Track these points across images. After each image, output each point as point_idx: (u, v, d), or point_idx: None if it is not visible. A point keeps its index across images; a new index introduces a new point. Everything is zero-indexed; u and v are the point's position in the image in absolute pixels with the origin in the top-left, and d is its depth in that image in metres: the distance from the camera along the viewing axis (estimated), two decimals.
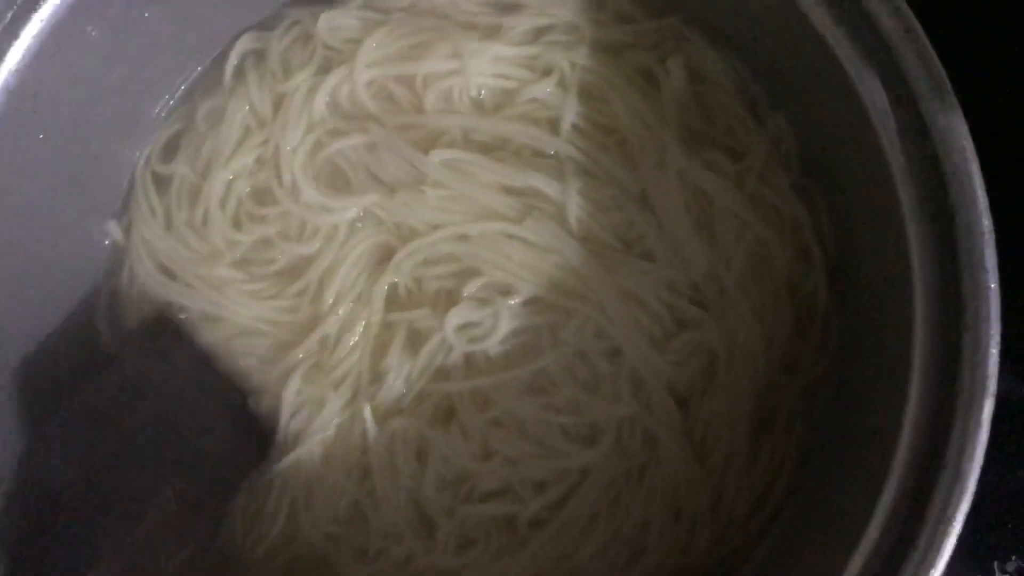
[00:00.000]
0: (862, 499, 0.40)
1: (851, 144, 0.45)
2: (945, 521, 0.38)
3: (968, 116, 0.41)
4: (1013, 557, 0.55)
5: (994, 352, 0.39)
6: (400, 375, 0.51)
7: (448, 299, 0.51)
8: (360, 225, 0.52)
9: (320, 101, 0.53)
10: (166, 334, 0.51)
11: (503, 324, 0.50)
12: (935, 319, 0.40)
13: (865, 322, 0.47)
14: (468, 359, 0.51)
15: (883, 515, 0.39)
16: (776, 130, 0.51)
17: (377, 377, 0.51)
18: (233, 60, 0.55)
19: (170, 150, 0.55)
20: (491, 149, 0.52)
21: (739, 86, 0.52)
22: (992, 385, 0.39)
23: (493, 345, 0.50)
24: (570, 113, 0.51)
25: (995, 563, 0.55)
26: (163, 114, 0.56)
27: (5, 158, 0.47)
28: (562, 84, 0.52)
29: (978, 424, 0.39)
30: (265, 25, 0.56)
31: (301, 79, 0.53)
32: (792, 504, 0.49)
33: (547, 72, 0.52)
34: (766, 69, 0.52)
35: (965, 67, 0.42)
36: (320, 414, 0.51)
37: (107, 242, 0.54)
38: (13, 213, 0.48)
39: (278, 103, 0.54)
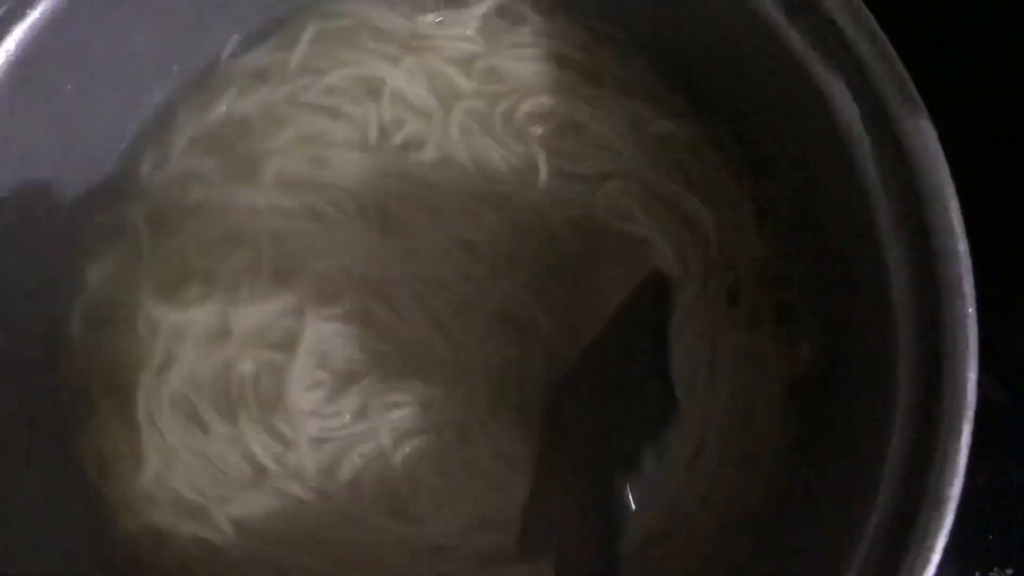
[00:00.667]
0: (845, 529, 0.40)
1: (827, 172, 0.45)
2: (927, 548, 0.38)
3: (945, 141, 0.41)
4: (995, 568, 0.56)
5: (972, 378, 0.39)
6: None
7: None
8: None
9: None
10: None
11: None
12: (914, 345, 0.41)
13: (847, 351, 0.47)
14: None
15: (866, 544, 0.39)
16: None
17: None
18: None
19: None
20: None
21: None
22: (971, 412, 0.39)
23: None
24: None
25: (976, 572, 0.55)
26: None
27: None
28: None
29: (958, 450, 0.39)
30: None
31: None
32: (774, 532, 0.49)
33: None
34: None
35: (941, 91, 0.43)
36: None
37: None
38: None
39: None
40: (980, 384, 0.57)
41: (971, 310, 0.40)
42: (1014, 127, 0.57)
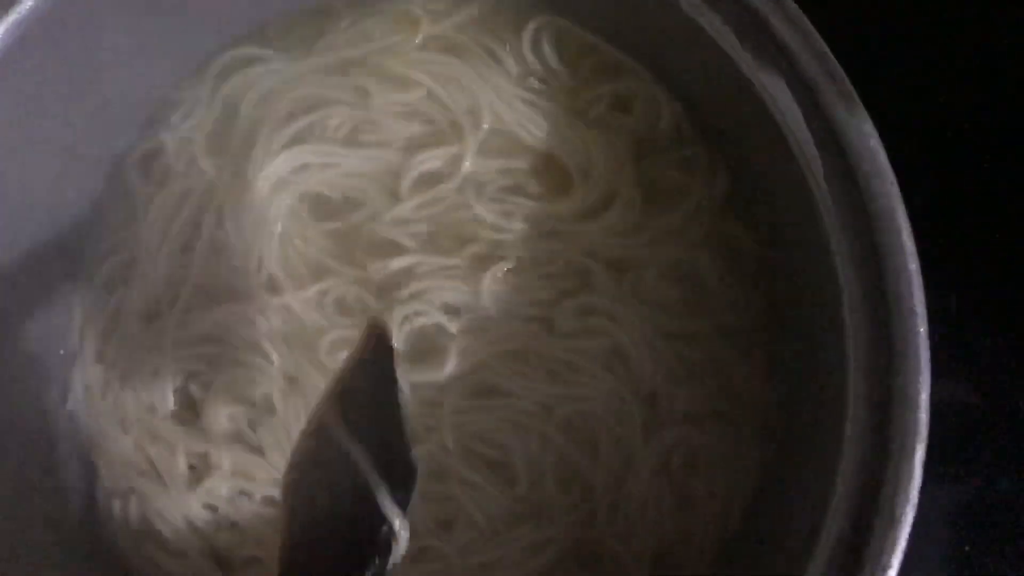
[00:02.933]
0: (800, 550, 0.40)
1: (781, 192, 0.45)
2: (882, 568, 0.39)
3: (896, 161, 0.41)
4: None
5: (924, 397, 0.39)
6: None
7: None
8: None
9: None
10: None
11: None
12: (866, 364, 0.41)
13: (800, 370, 0.48)
14: None
15: (821, 563, 0.40)
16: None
17: None
18: None
19: None
20: None
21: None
22: (923, 430, 0.39)
23: None
24: None
25: None
26: None
27: None
28: None
29: (911, 469, 0.39)
30: None
31: None
32: (730, 552, 0.49)
33: None
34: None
35: (888, 105, 0.43)
36: None
37: None
38: None
39: None
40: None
41: (922, 328, 0.40)
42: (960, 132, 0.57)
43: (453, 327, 0.50)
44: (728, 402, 0.51)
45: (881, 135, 0.41)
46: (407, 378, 0.50)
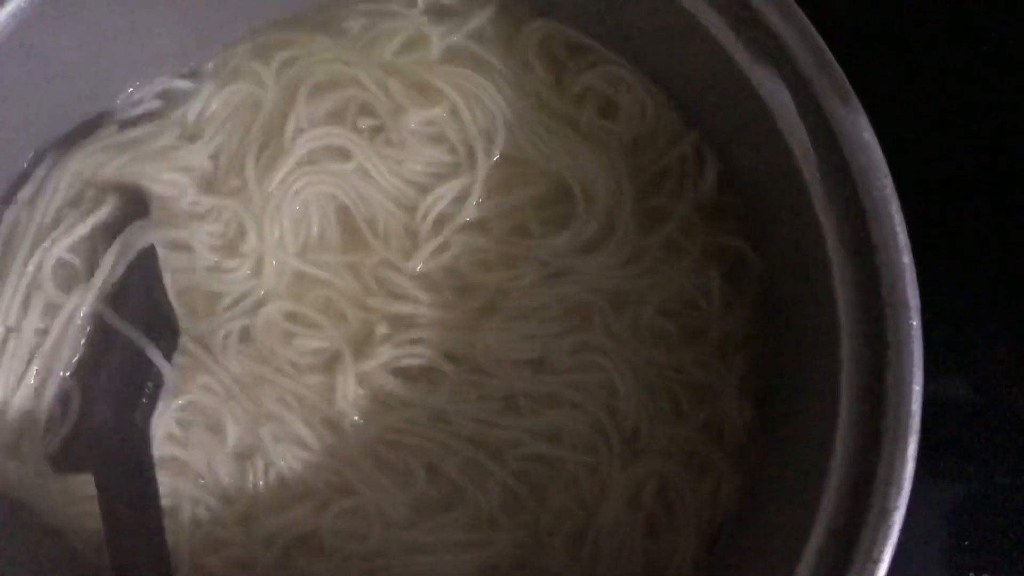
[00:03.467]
0: (791, 543, 0.40)
1: (775, 187, 0.45)
2: (872, 561, 0.39)
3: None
4: (971, 572, 0.56)
5: (917, 389, 0.39)
6: None
7: None
8: None
9: None
10: None
11: None
12: (859, 357, 0.41)
13: (793, 362, 0.48)
14: None
15: (812, 557, 0.40)
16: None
17: None
18: None
19: None
20: None
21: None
22: (916, 422, 0.39)
23: None
24: None
25: None
26: None
27: None
28: None
29: (903, 462, 0.39)
30: None
31: None
32: (721, 545, 0.49)
33: None
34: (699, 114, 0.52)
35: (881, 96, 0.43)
36: None
37: None
38: None
39: None
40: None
41: (915, 322, 0.40)
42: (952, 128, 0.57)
43: (448, 370, 0.50)
44: (711, 438, 0.51)
45: (876, 130, 0.41)
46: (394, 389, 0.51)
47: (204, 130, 0.52)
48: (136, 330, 0.48)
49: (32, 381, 0.48)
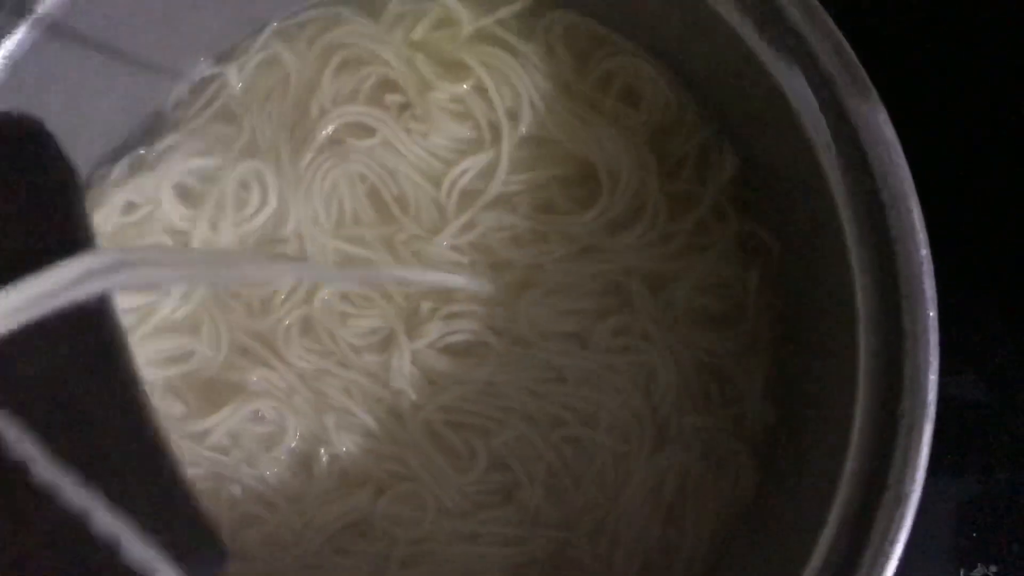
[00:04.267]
0: (807, 528, 0.42)
1: (794, 179, 0.46)
2: (888, 542, 0.40)
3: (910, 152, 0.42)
4: (979, 564, 0.56)
5: (933, 378, 0.40)
6: None
7: None
8: None
9: None
10: None
11: None
12: (876, 346, 0.42)
13: (810, 346, 0.49)
14: None
15: (829, 539, 0.41)
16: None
17: None
18: None
19: None
20: None
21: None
22: (931, 410, 0.40)
23: None
24: None
25: (961, 570, 0.56)
26: None
27: None
28: None
29: (919, 448, 0.40)
30: None
31: None
32: (737, 536, 0.50)
33: None
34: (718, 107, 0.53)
35: (902, 94, 0.44)
36: None
37: None
38: None
39: None
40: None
41: (932, 312, 0.41)
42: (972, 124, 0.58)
43: (495, 342, 0.51)
44: (734, 431, 0.52)
45: (897, 127, 0.42)
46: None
47: (240, 115, 0.53)
48: None
49: None
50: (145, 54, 0.51)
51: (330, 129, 0.53)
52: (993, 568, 0.56)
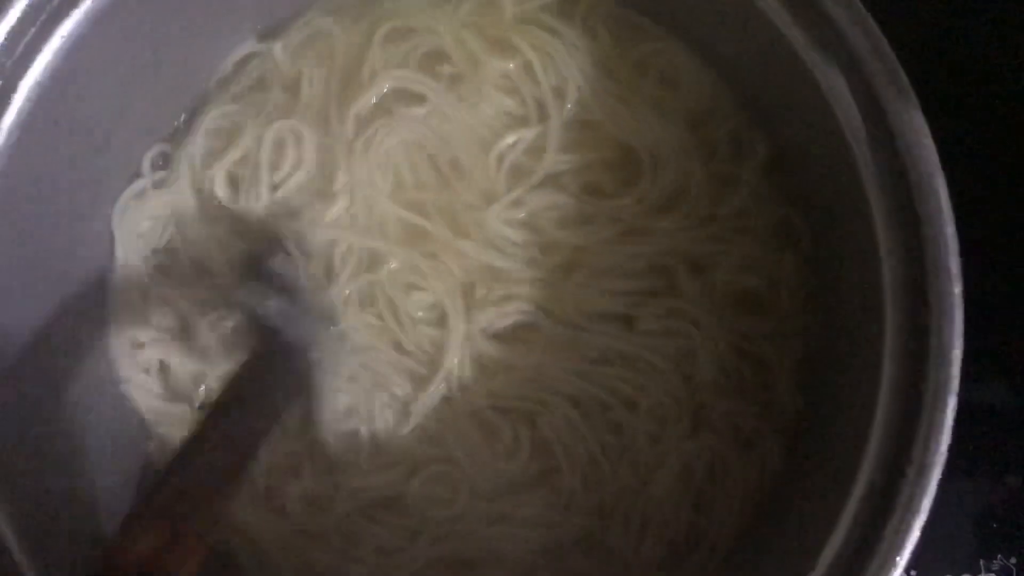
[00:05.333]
0: (835, 494, 0.42)
1: (825, 162, 0.47)
2: (912, 511, 0.40)
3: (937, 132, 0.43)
4: (999, 556, 0.57)
5: (957, 353, 0.41)
6: None
7: None
8: None
9: None
10: None
11: None
12: (903, 322, 0.43)
13: (838, 326, 0.50)
14: None
15: (855, 507, 0.42)
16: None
17: None
18: None
19: None
20: None
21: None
22: (955, 384, 0.41)
23: None
24: None
25: (981, 561, 0.57)
26: None
27: None
28: None
29: (943, 420, 0.41)
30: None
31: None
32: (761, 520, 0.51)
33: None
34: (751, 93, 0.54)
35: (933, 82, 0.45)
36: None
37: None
38: None
39: None
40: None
41: (957, 290, 0.42)
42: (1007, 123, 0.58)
43: (544, 324, 0.52)
44: (764, 416, 0.53)
45: (928, 118, 0.43)
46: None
47: (286, 85, 0.55)
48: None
49: None
50: (189, 35, 0.53)
51: (385, 88, 0.54)
52: (1013, 560, 0.56)
